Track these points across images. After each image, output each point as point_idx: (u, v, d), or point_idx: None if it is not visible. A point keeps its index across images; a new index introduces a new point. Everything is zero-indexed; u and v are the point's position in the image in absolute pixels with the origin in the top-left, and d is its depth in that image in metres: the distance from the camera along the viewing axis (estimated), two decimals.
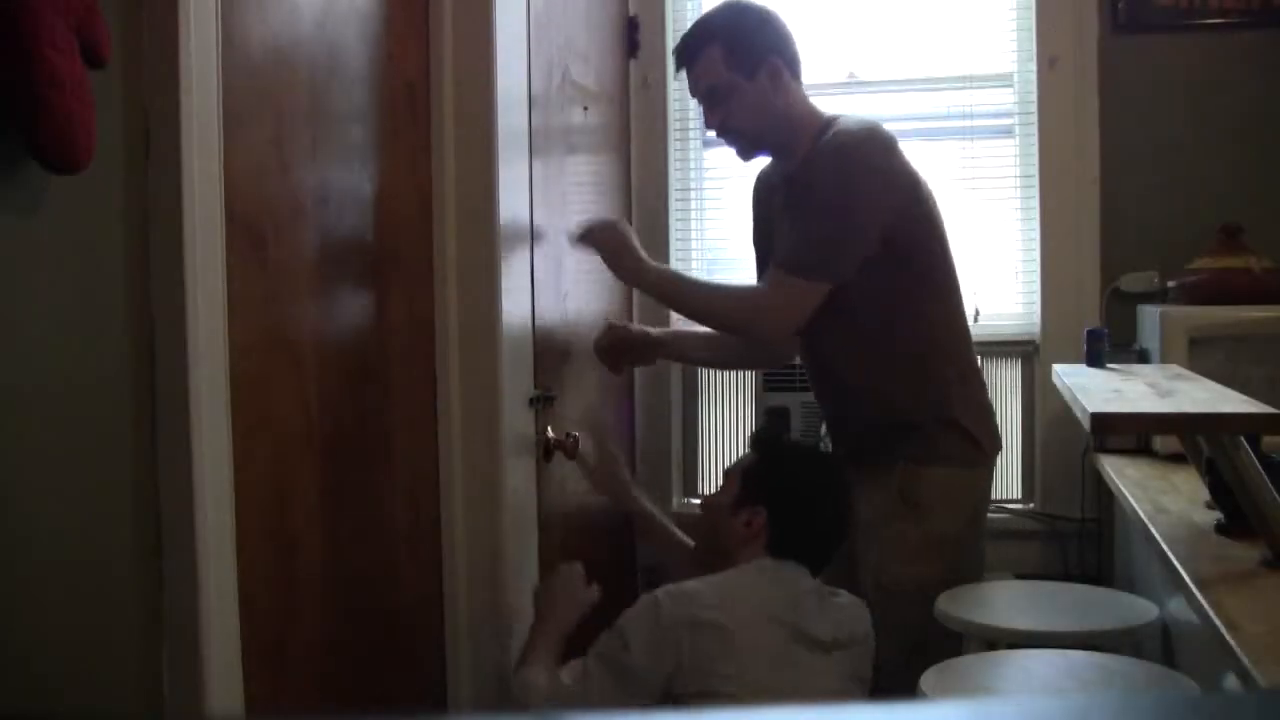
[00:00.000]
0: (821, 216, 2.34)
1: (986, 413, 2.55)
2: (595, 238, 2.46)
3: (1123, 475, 2.55)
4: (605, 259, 2.45)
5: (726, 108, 2.42)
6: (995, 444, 2.56)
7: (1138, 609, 2.31)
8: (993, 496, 3.21)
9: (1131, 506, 2.29)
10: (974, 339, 3.10)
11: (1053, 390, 2.68)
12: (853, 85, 3.33)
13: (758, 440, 2.43)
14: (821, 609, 2.08)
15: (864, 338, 2.42)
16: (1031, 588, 2.70)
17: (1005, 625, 2.25)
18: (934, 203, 2.47)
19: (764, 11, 2.47)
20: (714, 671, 1.93)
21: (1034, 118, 3.21)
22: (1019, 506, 3.26)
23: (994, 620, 2.26)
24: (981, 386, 2.58)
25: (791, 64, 2.44)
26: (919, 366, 2.44)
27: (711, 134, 2.59)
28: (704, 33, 2.45)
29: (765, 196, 2.61)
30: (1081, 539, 3.15)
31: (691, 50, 2.44)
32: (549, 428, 2.40)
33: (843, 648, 2.08)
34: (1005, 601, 2.44)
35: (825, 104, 2.51)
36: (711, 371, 3.43)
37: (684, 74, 2.49)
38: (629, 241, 2.44)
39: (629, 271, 2.47)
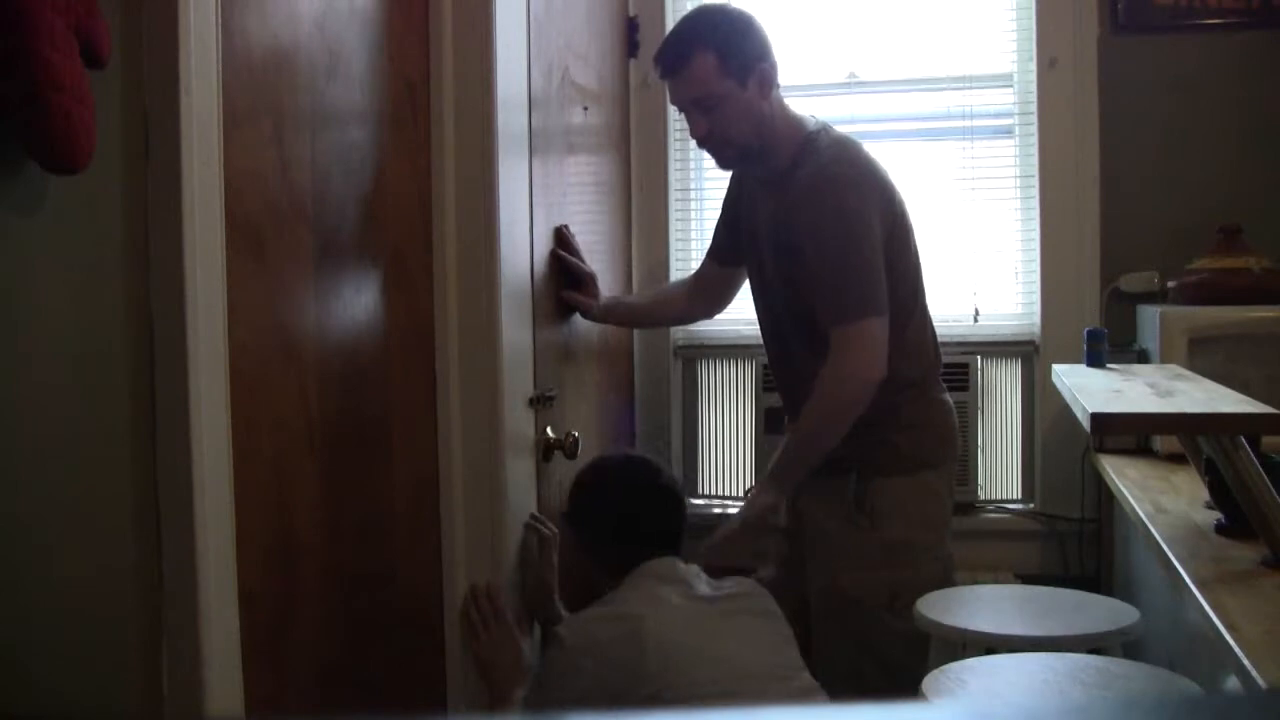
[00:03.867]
0: (843, 262, 2.32)
1: (946, 414, 2.55)
2: (739, 541, 2.43)
3: (1123, 475, 2.55)
4: (756, 532, 2.42)
5: (715, 116, 2.39)
6: (954, 451, 2.57)
7: (1116, 612, 2.29)
8: (993, 497, 3.25)
9: (1131, 507, 2.29)
10: (974, 339, 3.10)
11: (1053, 390, 2.68)
12: (853, 85, 3.33)
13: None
14: (710, 584, 2.09)
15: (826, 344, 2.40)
16: (1012, 591, 2.69)
17: (980, 630, 2.23)
18: (904, 210, 2.46)
19: (746, 17, 2.44)
20: (645, 673, 1.88)
21: (1034, 118, 3.21)
22: (1019, 506, 3.26)
23: (980, 626, 2.24)
24: (943, 388, 2.57)
25: (774, 70, 2.42)
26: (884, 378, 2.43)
27: (692, 142, 2.56)
28: (694, 39, 2.39)
29: (741, 192, 2.61)
30: (1081, 539, 3.15)
31: (681, 57, 2.38)
32: (549, 428, 2.40)
33: (745, 611, 2.06)
34: (989, 606, 2.42)
35: (819, 105, 2.51)
36: (712, 372, 3.43)
37: (668, 80, 2.45)
38: (757, 508, 2.40)
39: (776, 498, 2.40)
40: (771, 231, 2.44)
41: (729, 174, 2.66)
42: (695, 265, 3.42)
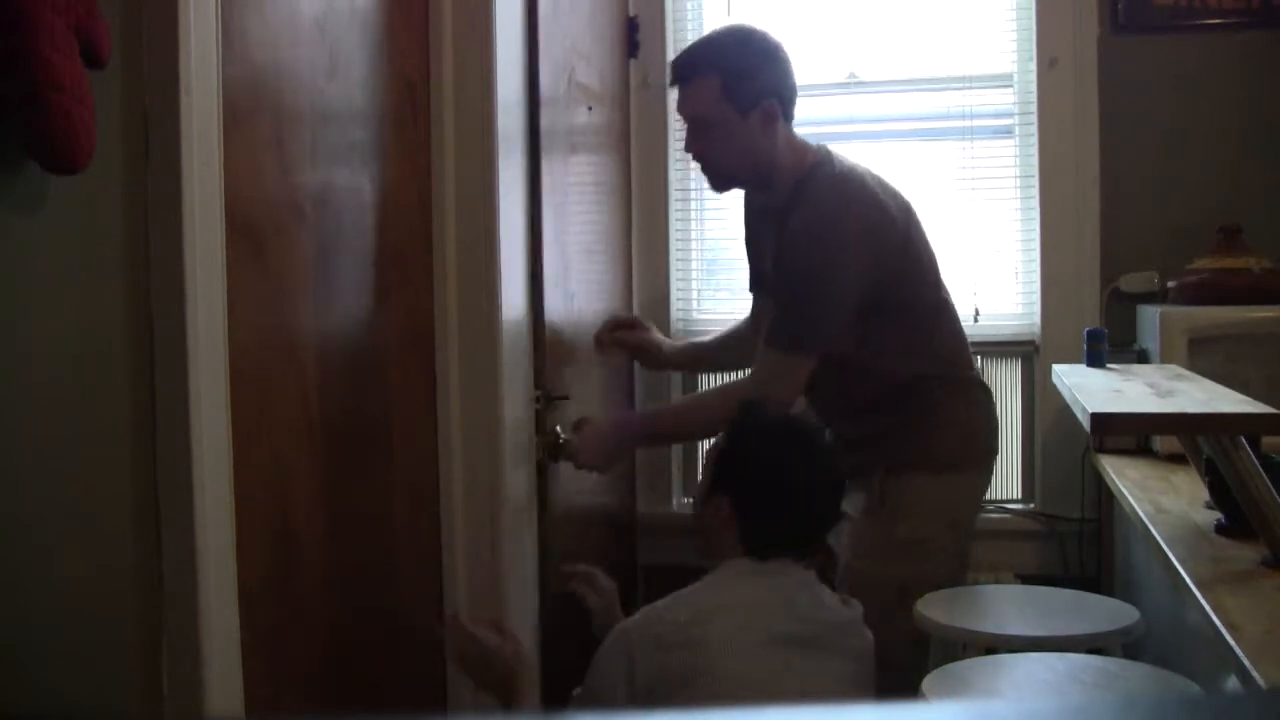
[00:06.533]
0: (803, 293, 2.34)
1: (980, 416, 2.55)
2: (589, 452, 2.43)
3: (1123, 475, 2.55)
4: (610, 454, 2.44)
5: (710, 138, 2.39)
6: (987, 449, 2.56)
7: (1116, 612, 2.29)
8: (993, 497, 3.24)
9: (1131, 507, 2.29)
10: (974, 339, 3.10)
11: (1053, 390, 2.68)
12: (853, 85, 3.33)
13: (733, 420, 2.17)
14: (814, 604, 1.96)
15: (859, 362, 2.41)
16: (1012, 591, 2.69)
17: (980, 630, 2.23)
18: (919, 233, 2.46)
19: (770, 46, 2.40)
20: (687, 693, 1.84)
21: (1034, 118, 3.21)
22: (1019, 506, 3.26)
23: (980, 626, 2.24)
24: (976, 388, 2.57)
25: (787, 104, 2.39)
26: (910, 384, 2.44)
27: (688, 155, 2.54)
28: (707, 58, 2.38)
29: (752, 217, 2.62)
30: (1081, 539, 3.15)
31: (689, 72, 2.39)
32: (549, 428, 2.40)
33: (833, 649, 1.95)
34: (989, 606, 2.42)
35: (819, 105, 2.50)
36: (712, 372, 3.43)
37: (675, 88, 2.45)
38: (606, 433, 2.45)
39: (614, 451, 2.41)
40: (774, 263, 2.45)
41: None
42: (695, 266, 3.44)
